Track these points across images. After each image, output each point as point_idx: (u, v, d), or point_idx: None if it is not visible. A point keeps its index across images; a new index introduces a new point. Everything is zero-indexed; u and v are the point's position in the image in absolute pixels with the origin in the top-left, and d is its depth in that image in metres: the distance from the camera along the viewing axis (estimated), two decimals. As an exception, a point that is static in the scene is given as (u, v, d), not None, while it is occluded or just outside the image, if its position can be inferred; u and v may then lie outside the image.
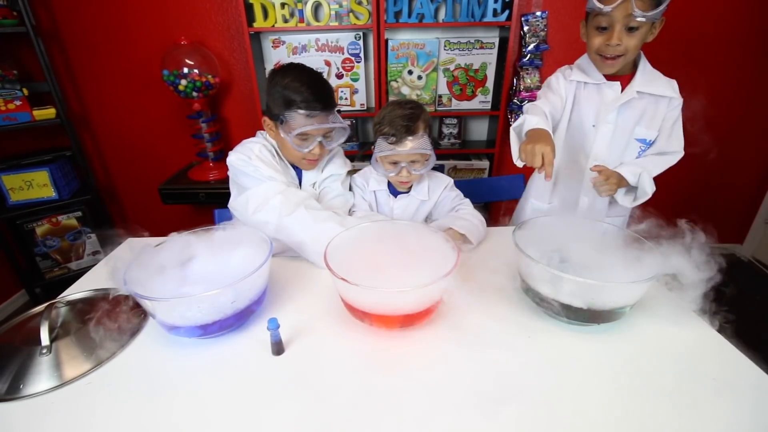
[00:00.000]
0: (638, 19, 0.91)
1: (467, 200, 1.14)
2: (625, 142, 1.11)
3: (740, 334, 0.71)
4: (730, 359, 0.66)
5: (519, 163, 0.94)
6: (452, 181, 1.17)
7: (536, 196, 1.29)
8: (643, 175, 1.05)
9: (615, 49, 0.98)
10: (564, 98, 1.11)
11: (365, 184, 1.15)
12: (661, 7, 0.91)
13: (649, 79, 1.06)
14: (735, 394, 0.60)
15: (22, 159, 1.95)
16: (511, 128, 1.02)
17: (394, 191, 1.13)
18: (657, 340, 0.70)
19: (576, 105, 1.12)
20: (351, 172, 1.17)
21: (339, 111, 1.07)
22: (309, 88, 0.93)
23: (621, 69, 1.05)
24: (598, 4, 0.94)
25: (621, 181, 1.04)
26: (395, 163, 1.02)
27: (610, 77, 1.07)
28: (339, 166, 1.12)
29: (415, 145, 0.98)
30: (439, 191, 1.13)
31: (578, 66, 1.12)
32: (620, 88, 1.07)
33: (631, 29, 0.95)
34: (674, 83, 1.08)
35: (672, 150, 1.10)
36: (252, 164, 0.98)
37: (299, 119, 0.93)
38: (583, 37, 1.08)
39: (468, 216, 1.06)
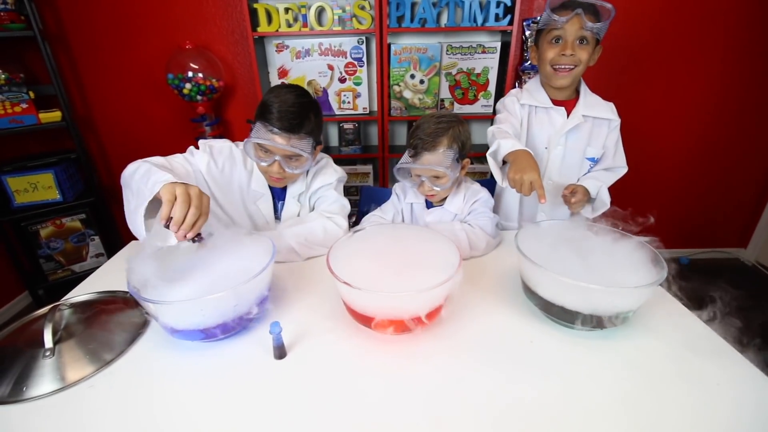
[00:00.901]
0: (588, 29, 1.02)
1: (486, 219, 1.05)
2: (577, 162, 1.20)
3: (745, 340, 0.70)
4: (735, 365, 0.66)
5: (505, 185, 0.99)
6: (486, 194, 1.11)
7: (504, 218, 1.31)
8: (602, 188, 1.14)
9: (569, 59, 1.06)
10: (520, 119, 1.20)
11: (402, 195, 1.16)
12: (606, 21, 1.03)
13: (590, 103, 1.17)
14: (739, 400, 0.59)
15: (28, 161, 1.96)
16: (487, 155, 1.06)
17: (429, 204, 1.13)
18: (660, 346, 0.70)
19: (529, 129, 1.20)
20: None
21: (317, 144, 1.03)
22: (279, 107, 0.93)
23: (566, 93, 1.16)
24: (554, 16, 1.03)
25: (587, 195, 1.12)
26: (418, 175, 1.03)
27: (556, 102, 1.17)
28: (329, 175, 1.13)
29: (433, 161, 0.98)
30: (470, 203, 1.10)
31: (528, 90, 1.21)
32: (566, 113, 1.16)
33: (582, 41, 1.05)
34: (612, 106, 1.18)
35: (618, 165, 1.21)
36: (206, 151, 1.04)
37: (261, 130, 0.95)
38: (533, 60, 1.18)
39: (458, 230, 1.00)
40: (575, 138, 1.17)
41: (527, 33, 1.91)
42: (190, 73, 1.85)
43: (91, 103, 2.14)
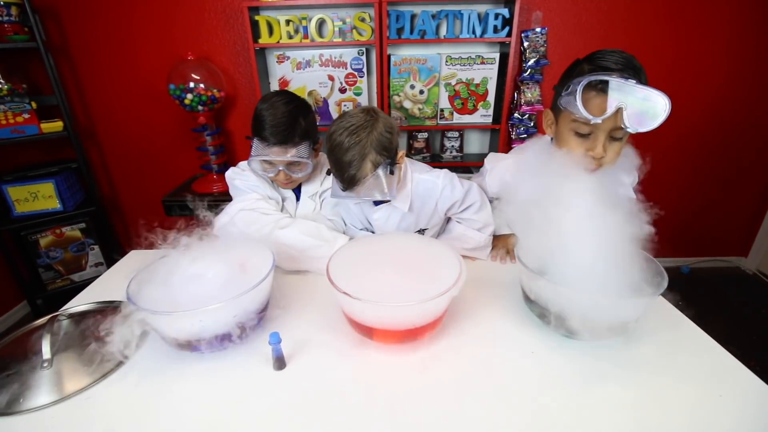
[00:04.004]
0: (628, 130, 0.77)
1: (474, 203, 1.01)
2: None
3: (747, 349, 0.70)
4: (737, 375, 0.65)
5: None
6: (449, 182, 0.97)
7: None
8: None
9: (599, 161, 0.83)
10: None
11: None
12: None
13: (609, 172, 0.90)
14: (742, 411, 0.59)
15: (29, 171, 1.97)
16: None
17: (376, 201, 1.00)
18: (662, 356, 0.70)
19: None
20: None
21: (315, 143, 1.05)
22: (270, 120, 0.96)
23: None
24: (586, 114, 0.77)
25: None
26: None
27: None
28: None
29: (368, 191, 0.87)
30: (430, 202, 1.00)
31: (529, 170, 0.92)
32: None
33: (614, 138, 0.82)
34: (634, 178, 0.97)
35: None
36: (243, 175, 1.06)
37: (259, 147, 0.98)
38: (546, 129, 0.94)
39: (459, 234, 1.03)
40: None
41: (525, 44, 1.94)
42: (192, 84, 1.86)
43: (93, 114, 2.15)
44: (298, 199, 1.14)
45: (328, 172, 0.94)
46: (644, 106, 0.75)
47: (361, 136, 0.83)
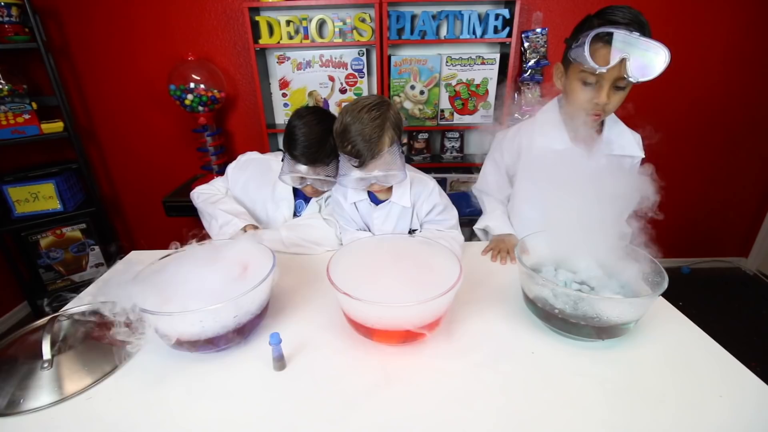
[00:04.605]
0: (630, 80, 0.86)
1: (450, 217, 1.09)
2: None
3: (747, 349, 0.70)
4: (738, 376, 0.65)
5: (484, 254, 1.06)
6: (437, 188, 1.09)
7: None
8: None
9: (603, 108, 0.92)
10: (511, 171, 1.15)
11: (343, 198, 1.09)
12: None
13: (615, 136, 1.02)
14: (743, 411, 0.59)
15: (29, 171, 1.98)
16: (474, 227, 1.17)
17: (375, 200, 1.08)
18: (662, 357, 0.70)
19: (533, 172, 1.06)
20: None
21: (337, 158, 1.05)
22: (302, 141, 0.98)
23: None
24: (592, 64, 0.85)
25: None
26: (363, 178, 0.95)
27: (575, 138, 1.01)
28: None
29: (382, 165, 0.92)
30: (423, 197, 1.07)
31: (541, 127, 1.04)
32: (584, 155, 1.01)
33: (618, 87, 0.90)
34: (638, 138, 1.04)
35: None
36: (234, 165, 1.23)
37: (290, 163, 1.02)
38: (556, 82, 1.02)
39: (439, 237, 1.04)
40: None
41: (525, 45, 1.94)
42: (192, 84, 1.86)
43: (93, 114, 2.16)
44: (305, 200, 1.17)
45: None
46: (646, 57, 0.84)
47: (381, 111, 0.90)
